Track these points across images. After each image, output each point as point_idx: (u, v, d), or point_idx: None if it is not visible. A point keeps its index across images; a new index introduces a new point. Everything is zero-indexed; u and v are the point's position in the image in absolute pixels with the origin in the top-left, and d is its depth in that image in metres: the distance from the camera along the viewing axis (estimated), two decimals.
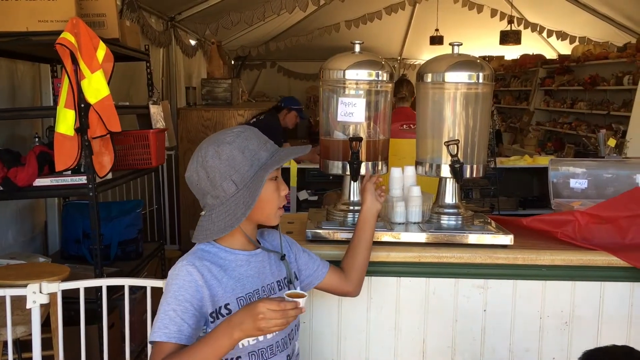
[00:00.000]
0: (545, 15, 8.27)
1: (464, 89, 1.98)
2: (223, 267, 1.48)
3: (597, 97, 7.89)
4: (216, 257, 1.50)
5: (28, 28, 2.74)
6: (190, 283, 1.41)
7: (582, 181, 2.32)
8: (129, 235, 3.54)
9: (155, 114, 3.76)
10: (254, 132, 1.53)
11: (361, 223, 1.81)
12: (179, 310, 1.38)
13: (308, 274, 1.70)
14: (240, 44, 9.38)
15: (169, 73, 6.54)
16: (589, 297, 1.95)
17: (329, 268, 1.74)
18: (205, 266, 1.45)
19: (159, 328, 1.37)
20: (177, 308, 1.38)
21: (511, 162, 5.37)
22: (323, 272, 1.72)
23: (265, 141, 1.52)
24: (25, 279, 2.41)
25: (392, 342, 1.98)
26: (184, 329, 1.37)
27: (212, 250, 1.51)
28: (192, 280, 1.41)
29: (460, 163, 1.94)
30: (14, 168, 2.78)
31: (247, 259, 1.53)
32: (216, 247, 1.51)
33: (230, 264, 1.50)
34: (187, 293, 1.40)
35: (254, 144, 1.48)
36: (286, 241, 1.68)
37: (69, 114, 2.71)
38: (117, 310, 3.12)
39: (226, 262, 1.50)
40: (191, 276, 1.42)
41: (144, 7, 5.29)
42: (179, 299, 1.39)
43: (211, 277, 1.45)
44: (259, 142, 1.50)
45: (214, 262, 1.48)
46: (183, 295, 1.39)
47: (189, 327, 1.37)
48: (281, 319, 1.29)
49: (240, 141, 1.47)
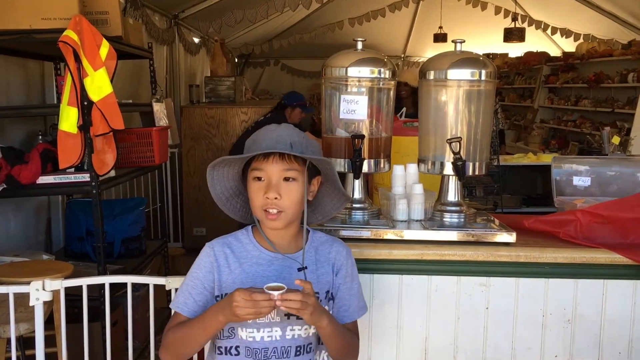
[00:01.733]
0: (550, 13, 8.24)
1: (466, 87, 1.98)
2: (241, 260, 1.53)
3: (602, 95, 7.86)
4: (241, 248, 1.54)
5: (31, 26, 2.75)
6: (205, 263, 1.53)
7: (585, 179, 2.31)
8: (132, 233, 3.55)
9: (159, 111, 3.77)
10: (276, 127, 1.53)
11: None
12: (189, 286, 1.52)
13: (336, 308, 1.58)
14: (243, 42, 9.38)
15: (172, 71, 6.55)
16: (592, 295, 1.95)
17: (351, 322, 1.61)
18: (223, 253, 1.53)
19: (174, 297, 1.55)
20: (190, 283, 1.52)
21: (515, 159, 5.36)
22: (342, 318, 1.58)
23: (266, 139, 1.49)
24: (29, 276, 2.42)
25: (394, 340, 1.98)
26: (189, 302, 1.50)
27: (244, 240, 1.56)
28: (207, 261, 1.53)
29: (463, 161, 1.94)
30: (18, 166, 2.79)
31: (270, 260, 1.53)
32: (249, 238, 1.56)
33: (250, 259, 1.53)
34: (200, 272, 1.52)
35: (255, 138, 1.51)
36: (340, 269, 1.57)
37: (72, 111, 2.72)
38: (120, 307, 3.13)
39: (248, 255, 1.53)
40: (208, 257, 1.53)
41: (147, 4, 5.30)
42: (193, 275, 1.53)
43: (225, 264, 1.52)
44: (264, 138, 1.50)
45: (236, 252, 1.53)
46: (197, 272, 1.53)
47: (195, 302, 1.50)
48: (253, 309, 1.34)
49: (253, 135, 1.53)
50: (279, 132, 1.50)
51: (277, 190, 1.46)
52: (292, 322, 1.50)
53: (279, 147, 1.45)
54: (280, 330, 1.50)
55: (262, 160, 1.47)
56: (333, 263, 1.58)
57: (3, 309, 2.26)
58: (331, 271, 1.57)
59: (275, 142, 1.46)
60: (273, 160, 1.47)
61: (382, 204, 2.12)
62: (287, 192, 1.48)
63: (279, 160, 1.47)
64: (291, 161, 1.48)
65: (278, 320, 1.49)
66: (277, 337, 1.50)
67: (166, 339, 1.50)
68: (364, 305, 1.64)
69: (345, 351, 1.56)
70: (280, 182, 1.47)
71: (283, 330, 1.50)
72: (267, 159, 1.47)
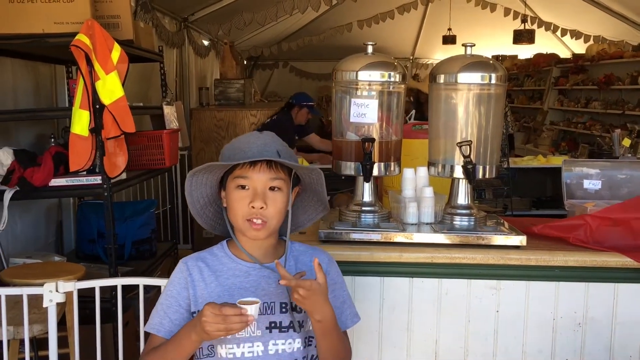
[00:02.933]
0: (559, 14, 8.21)
1: (476, 90, 1.98)
2: (217, 273, 1.46)
3: (612, 97, 7.82)
4: (216, 261, 1.48)
5: (44, 30, 2.78)
6: (179, 280, 1.46)
7: (595, 182, 2.31)
8: (143, 235, 3.57)
9: (169, 114, 3.79)
10: (259, 135, 1.46)
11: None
12: (164, 305, 1.45)
13: None
14: (252, 44, 9.40)
15: (182, 74, 6.58)
16: (603, 298, 1.95)
17: (343, 332, 1.54)
18: (197, 267, 1.47)
19: (150, 319, 1.46)
20: (164, 302, 1.45)
21: (524, 162, 5.35)
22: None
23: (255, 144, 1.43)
24: (42, 278, 2.44)
25: (404, 342, 1.99)
26: (165, 322, 1.43)
27: (219, 254, 1.50)
28: (181, 277, 1.46)
29: (473, 164, 1.94)
30: (30, 168, 2.82)
31: (247, 271, 1.46)
32: (223, 252, 1.50)
33: (226, 272, 1.47)
34: (174, 289, 1.46)
35: (237, 145, 1.44)
36: (327, 271, 1.47)
37: (83, 114, 2.74)
38: (130, 309, 3.15)
39: (224, 268, 1.47)
40: (181, 273, 1.47)
41: (158, 7, 5.33)
42: (167, 293, 1.46)
43: (199, 278, 1.45)
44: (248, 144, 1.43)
45: (211, 265, 1.47)
46: (171, 290, 1.46)
47: (170, 321, 1.43)
48: (223, 324, 1.27)
49: (232, 142, 1.47)
50: (265, 140, 1.44)
51: (264, 199, 1.40)
52: (275, 335, 1.43)
53: (266, 154, 1.40)
54: (262, 345, 1.42)
55: (248, 168, 1.40)
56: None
57: (16, 310, 2.28)
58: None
59: (262, 150, 1.40)
60: (260, 168, 1.40)
61: (392, 207, 2.13)
62: (273, 202, 1.42)
63: (266, 168, 1.41)
64: (278, 170, 1.42)
65: (259, 335, 1.42)
66: (259, 353, 1.42)
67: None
68: (356, 314, 1.57)
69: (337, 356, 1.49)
70: (266, 191, 1.42)
71: (265, 345, 1.42)
72: (254, 167, 1.40)
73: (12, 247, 3.18)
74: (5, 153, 2.82)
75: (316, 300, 1.36)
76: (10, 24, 2.78)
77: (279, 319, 1.44)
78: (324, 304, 1.38)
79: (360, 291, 1.96)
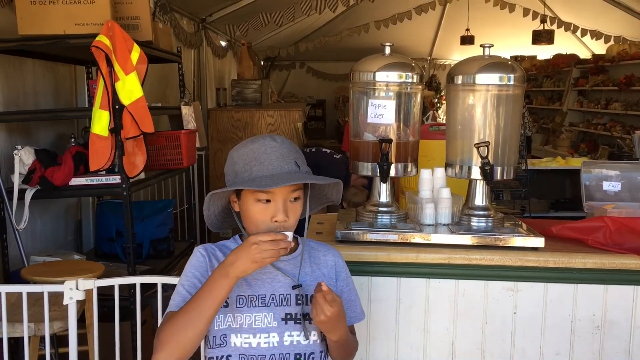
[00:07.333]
0: (579, 14, 8.13)
1: (494, 91, 1.97)
2: None
3: (633, 98, 7.73)
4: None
5: (65, 31, 2.82)
6: (200, 263, 1.47)
7: (615, 184, 2.28)
8: (161, 234, 3.60)
9: (187, 114, 3.82)
10: (275, 144, 1.44)
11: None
12: (186, 285, 1.44)
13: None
14: (269, 45, 9.44)
15: (199, 74, 6.63)
16: (622, 301, 1.93)
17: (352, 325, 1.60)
18: (214, 255, 1.49)
19: (171, 301, 1.44)
20: (186, 283, 1.44)
21: (543, 163, 5.31)
22: (350, 319, 1.56)
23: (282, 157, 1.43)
24: (62, 275, 2.48)
25: (421, 343, 1.99)
26: (188, 298, 1.41)
27: (233, 247, 1.49)
28: (202, 261, 1.47)
29: (491, 165, 1.93)
30: (51, 168, 2.86)
31: None
32: (238, 243, 1.50)
33: None
34: (197, 271, 1.46)
35: (252, 155, 1.43)
36: (340, 273, 1.56)
37: (103, 115, 2.77)
38: (148, 307, 3.18)
39: None
40: (202, 257, 1.48)
41: (176, 9, 5.37)
42: (188, 275, 1.45)
43: (218, 264, 1.45)
44: (268, 157, 1.42)
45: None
46: (192, 272, 1.46)
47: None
48: (273, 249, 1.32)
49: (244, 149, 1.46)
50: (282, 150, 1.44)
51: (286, 212, 1.42)
52: (290, 327, 1.46)
53: (286, 168, 1.41)
54: (278, 335, 1.45)
55: None
56: (331, 267, 1.55)
57: (37, 308, 2.32)
58: (332, 275, 1.55)
59: (281, 163, 1.42)
60: None
61: (409, 207, 2.13)
62: (293, 212, 1.44)
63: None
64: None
65: (275, 325, 1.45)
66: (275, 343, 1.44)
67: (160, 336, 1.37)
68: (362, 311, 1.62)
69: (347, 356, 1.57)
70: (287, 203, 1.43)
71: (281, 336, 1.45)
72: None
73: (32, 245, 3.23)
74: (27, 152, 2.86)
75: (335, 325, 1.41)
76: (31, 26, 2.82)
77: (295, 311, 1.47)
78: (342, 325, 1.44)
79: (376, 291, 1.97)
